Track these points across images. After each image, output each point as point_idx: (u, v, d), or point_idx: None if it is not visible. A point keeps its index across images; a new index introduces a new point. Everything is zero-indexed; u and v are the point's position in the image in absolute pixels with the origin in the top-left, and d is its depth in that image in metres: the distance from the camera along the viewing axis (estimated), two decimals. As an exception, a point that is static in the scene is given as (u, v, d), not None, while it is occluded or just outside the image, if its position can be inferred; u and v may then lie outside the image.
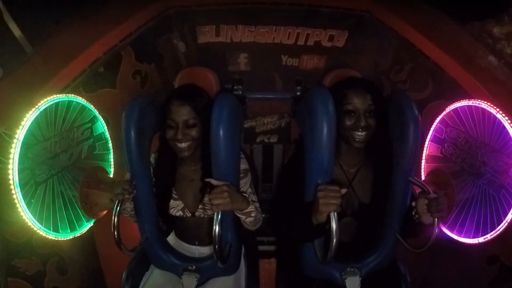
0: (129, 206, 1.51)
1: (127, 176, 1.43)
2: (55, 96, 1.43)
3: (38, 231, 1.37)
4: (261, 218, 1.49)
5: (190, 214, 1.55)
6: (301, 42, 2.10)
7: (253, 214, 1.38)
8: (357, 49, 2.09)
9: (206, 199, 1.50)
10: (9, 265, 1.41)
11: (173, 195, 1.55)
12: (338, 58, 2.13)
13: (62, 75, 1.54)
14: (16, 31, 1.48)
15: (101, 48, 1.70)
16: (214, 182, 1.31)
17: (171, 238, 1.72)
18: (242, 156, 1.52)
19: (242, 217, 1.39)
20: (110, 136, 1.76)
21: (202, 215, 1.54)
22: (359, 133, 1.34)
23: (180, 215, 1.55)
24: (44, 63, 1.54)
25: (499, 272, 1.51)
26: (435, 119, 1.65)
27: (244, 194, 1.45)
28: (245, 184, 1.49)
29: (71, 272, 1.69)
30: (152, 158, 1.57)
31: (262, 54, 2.18)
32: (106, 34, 1.71)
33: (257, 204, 1.45)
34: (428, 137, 1.70)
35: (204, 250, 1.63)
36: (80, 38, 1.66)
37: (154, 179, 1.55)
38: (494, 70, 1.59)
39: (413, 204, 1.36)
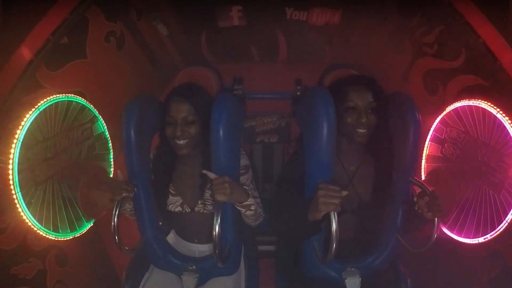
0: (128, 206, 1.51)
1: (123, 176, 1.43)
2: (54, 96, 1.43)
3: (38, 231, 1.37)
4: (262, 213, 1.49)
5: (189, 210, 1.55)
6: None
7: (252, 208, 1.38)
8: (381, 5, 1.73)
9: (206, 194, 1.51)
10: (8, 276, 1.36)
11: (171, 191, 1.55)
12: (355, 14, 1.77)
13: (23, 50, 1.30)
14: None
15: (65, 7, 1.39)
16: (210, 175, 1.31)
17: (171, 236, 1.71)
18: (243, 152, 1.53)
19: (242, 210, 1.38)
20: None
21: (202, 210, 1.54)
22: (361, 130, 1.34)
23: (179, 210, 1.55)
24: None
25: (501, 272, 1.47)
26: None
27: (245, 187, 1.45)
28: (246, 180, 1.49)
29: (71, 262, 1.65)
30: (151, 155, 1.57)
31: (260, 5, 1.75)
32: None
33: (258, 200, 1.45)
34: (428, 137, 1.70)
35: (204, 248, 1.62)
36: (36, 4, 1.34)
37: (152, 175, 1.55)
38: None
39: (415, 199, 1.36)
